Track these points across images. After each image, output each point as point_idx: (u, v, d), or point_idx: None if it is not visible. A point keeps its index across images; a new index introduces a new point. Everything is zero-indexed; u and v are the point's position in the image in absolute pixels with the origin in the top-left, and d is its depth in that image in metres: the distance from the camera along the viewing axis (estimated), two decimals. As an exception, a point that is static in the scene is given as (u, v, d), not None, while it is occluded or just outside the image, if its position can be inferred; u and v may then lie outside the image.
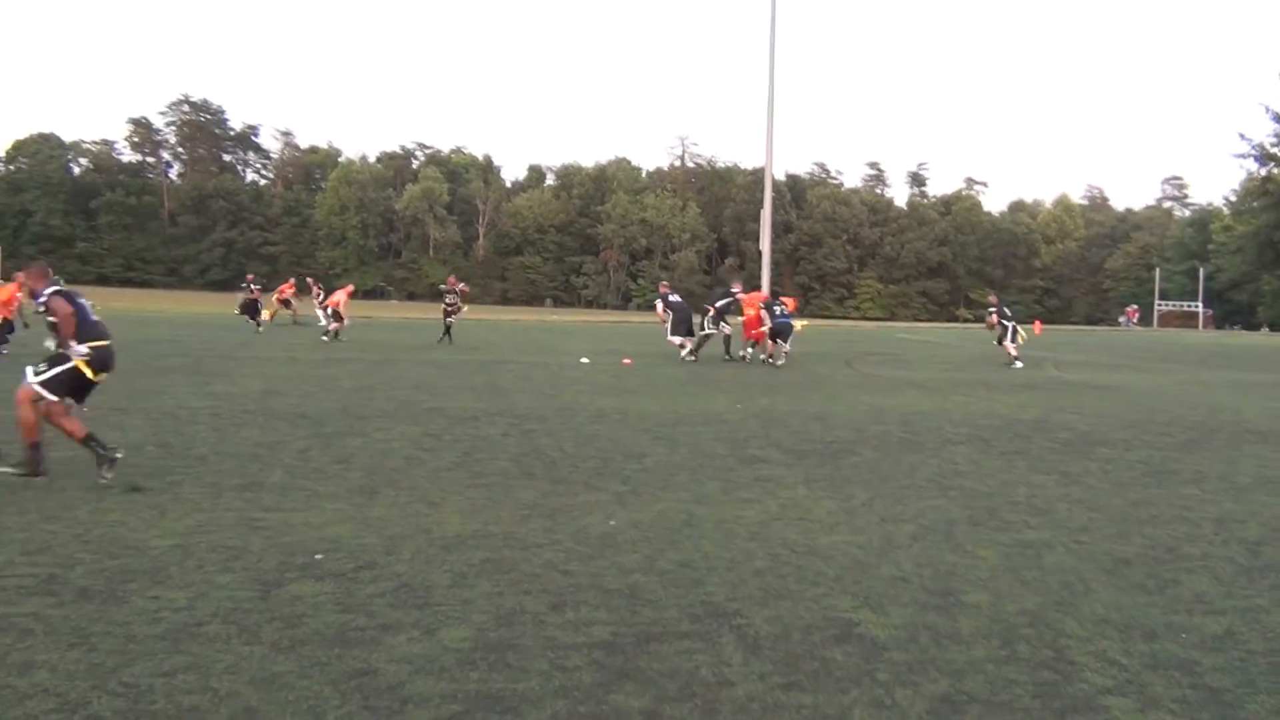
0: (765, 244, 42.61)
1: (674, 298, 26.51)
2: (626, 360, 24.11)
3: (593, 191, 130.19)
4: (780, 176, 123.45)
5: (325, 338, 30.30)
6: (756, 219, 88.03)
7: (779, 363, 24.18)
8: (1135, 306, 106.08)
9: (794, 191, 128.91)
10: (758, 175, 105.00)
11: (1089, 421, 14.78)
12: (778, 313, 24.73)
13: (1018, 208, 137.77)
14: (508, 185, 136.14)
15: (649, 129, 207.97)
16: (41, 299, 8.91)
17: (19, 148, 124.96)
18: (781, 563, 6.60)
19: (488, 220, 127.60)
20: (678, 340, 25.56)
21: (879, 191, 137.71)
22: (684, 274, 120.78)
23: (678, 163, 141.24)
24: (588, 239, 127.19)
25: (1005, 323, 27.87)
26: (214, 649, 4.77)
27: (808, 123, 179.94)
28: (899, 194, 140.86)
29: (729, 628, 5.31)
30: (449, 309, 32.14)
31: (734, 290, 26.94)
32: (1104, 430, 13.84)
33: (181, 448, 10.29)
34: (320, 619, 5.23)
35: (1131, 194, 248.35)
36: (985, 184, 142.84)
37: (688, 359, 24.63)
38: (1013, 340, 27.96)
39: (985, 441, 12.48)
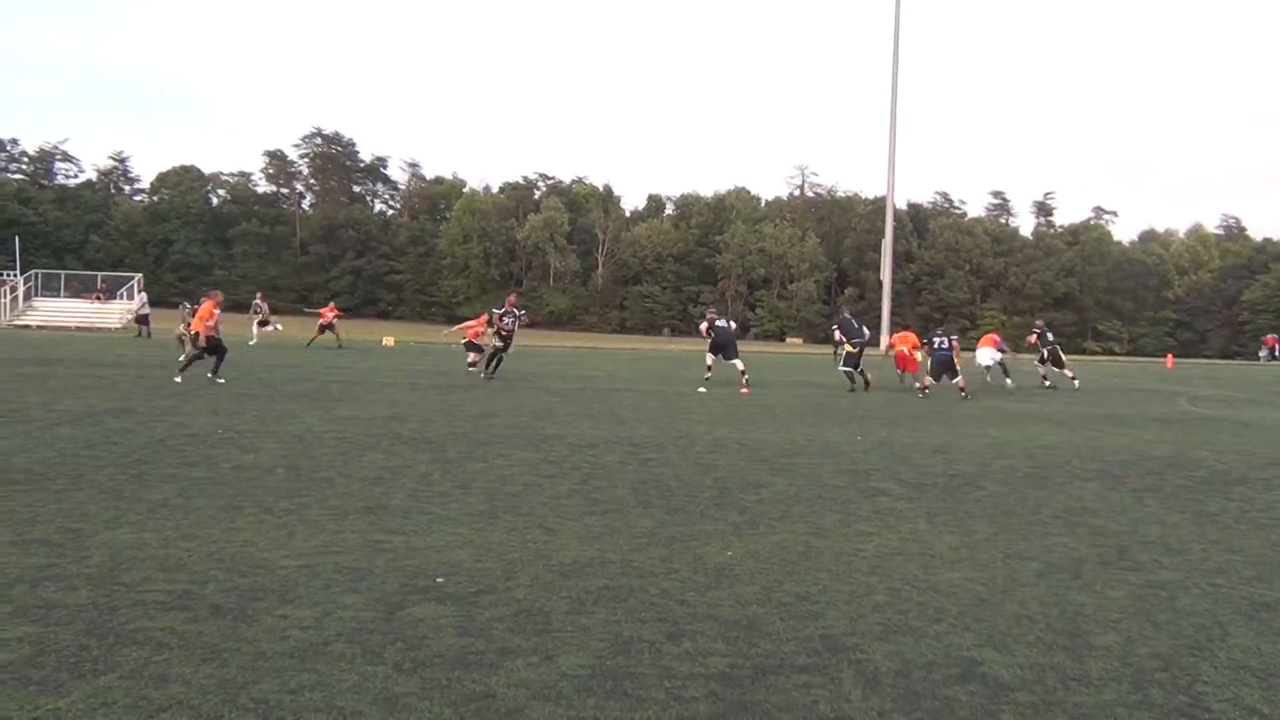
0: (886, 274, 42.27)
1: (720, 323, 27.17)
2: (744, 390, 24.02)
3: (711, 221, 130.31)
4: (901, 205, 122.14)
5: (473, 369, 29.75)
6: (877, 249, 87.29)
7: (965, 395, 24.38)
8: (1275, 335, 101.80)
9: (915, 221, 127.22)
10: (878, 204, 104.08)
11: (1226, 459, 14.22)
12: (938, 345, 24.88)
13: (1149, 237, 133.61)
14: (627, 215, 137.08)
15: (768, 158, 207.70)
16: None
17: (162, 180, 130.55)
18: (902, 598, 6.49)
19: (607, 249, 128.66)
20: (709, 359, 26.46)
21: (1003, 221, 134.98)
22: (802, 304, 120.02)
23: (797, 192, 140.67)
24: (706, 268, 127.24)
25: (1044, 346, 29.77)
26: (339, 668, 4.88)
27: (930, 151, 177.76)
28: (1024, 223, 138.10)
29: (848, 663, 5.24)
30: (504, 334, 27.00)
31: (865, 333, 27.59)
32: (1242, 468, 13.30)
33: (309, 470, 10.57)
34: (441, 641, 5.32)
35: (1270, 223, 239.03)
36: (1115, 213, 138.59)
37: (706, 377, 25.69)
38: (1043, 364, 30.17)
39: (1115, 477, 12.10)
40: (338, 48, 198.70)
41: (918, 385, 25.30)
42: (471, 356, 29.08)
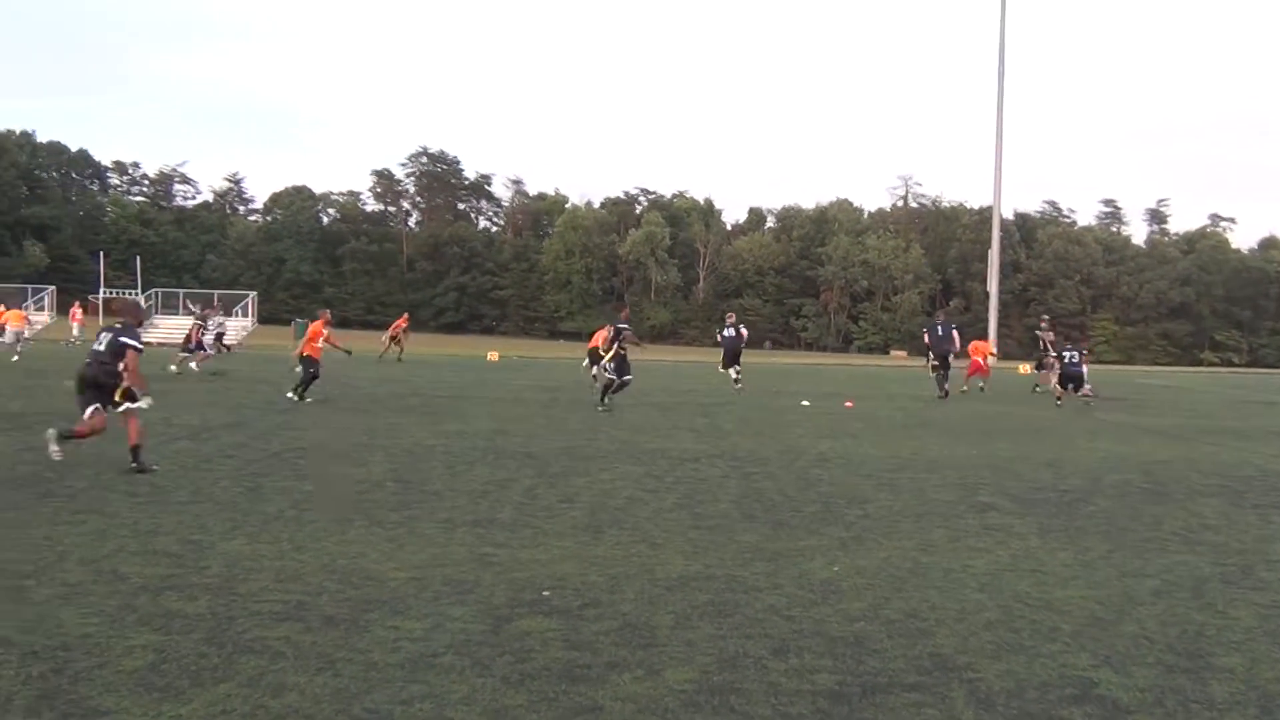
0: (993, 285, 41.54)
1: (729, 331, 27.67)
2: (848, 403, 23.79)
3: (813, 233, 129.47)
4: (1008, 215, 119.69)
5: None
6: (983, 259, 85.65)
7: (1091, 403, 24.48)
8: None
9: (1023, 230, 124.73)
10: (984, 214, 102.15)
11: (1356, 474, 13.64)
12: (1069, 359, 24.96)
13: (1269, 244, 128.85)
14: (728, 228, 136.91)
15: (871, 169, 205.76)
16: None
17: (275, 200, 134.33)
18: (1014, 615, 6.35)
19: (708, 263, 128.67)
20: (728, 371, 27.51)
21: (1114, 229, 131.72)
22: (906, 316, 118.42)
23: (900, 202, 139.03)
24: (807, 281, 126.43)
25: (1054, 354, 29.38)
26: (449, 680, 4.94)
27: (1038, 159, 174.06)
28: (1137, 232, 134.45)
29: (959, 681, 5.14)
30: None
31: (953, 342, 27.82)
32: (1374, 484, 12.74)
33: (417, 483, 10.75)
34: (548, 654, 5.36)
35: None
36: (1233, 220, 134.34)
37: (737, 388, 26.56)
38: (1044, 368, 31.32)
39: (1237, 493, 11.69)
40: (444, 68, 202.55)
41: (1057, 398, 25.38)
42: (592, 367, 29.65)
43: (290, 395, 19.92)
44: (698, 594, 6.64)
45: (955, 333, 27.83)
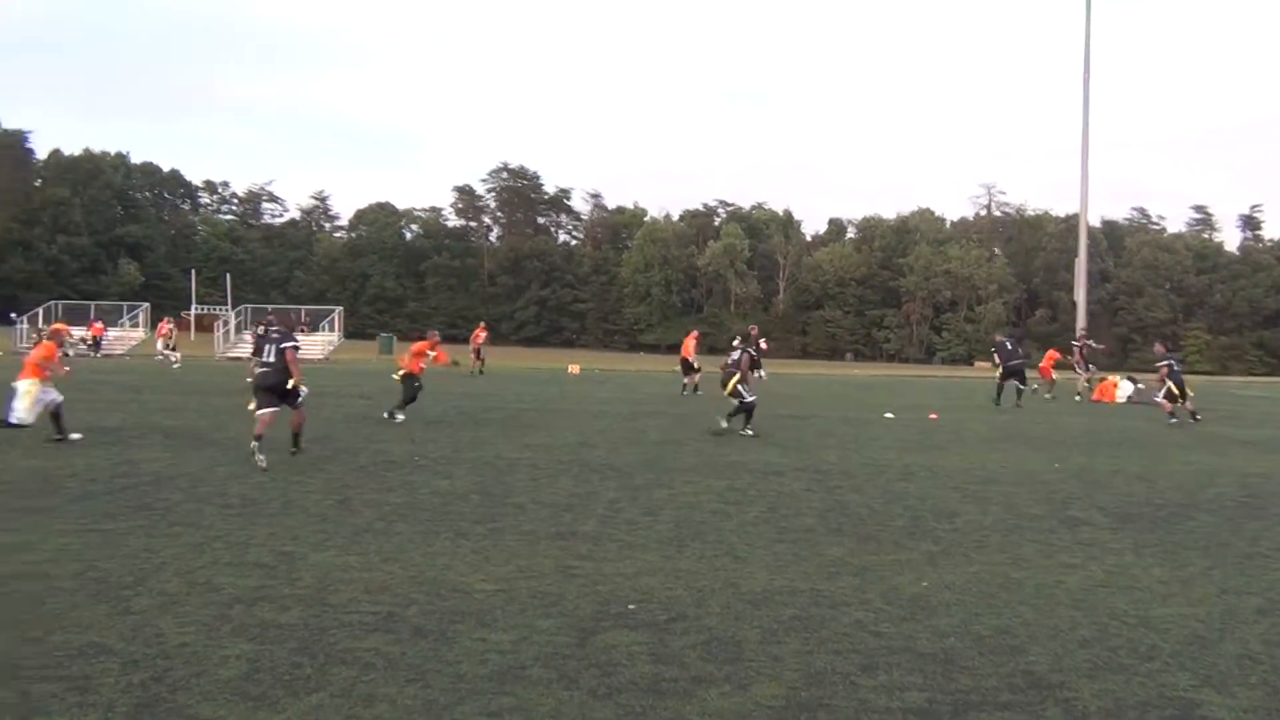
0: (1080, 294, 40.63)
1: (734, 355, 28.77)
2: (932, 415, 23.48)
3: (894, 243, 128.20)
4: (1095, 223, 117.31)
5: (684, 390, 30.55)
6: (1069, 268, 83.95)
7: (1171, 421, 23.34)
8: None
9: (1111, 238, 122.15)
10: (1071, 222, 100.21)
11: None
12: (1175, 368, 24.11)
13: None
14: (808, 239, 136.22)
15: (953, 178, 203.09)
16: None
17: (360, 216, 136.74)
18: (1110, 634, 6.21)
19: (788, 274, 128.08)
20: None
21: (1206, 236, 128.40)
22: (990, 326, 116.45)
23: (983, 211, 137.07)
24: (889, 291, 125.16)
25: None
26: (536, 692, 4.96)
27: (1125, 165, 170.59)
28: (1229, 238, 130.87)
29: (1054, 701, 5.04)
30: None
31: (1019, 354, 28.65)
32: None
33: (501, 496, 10.83)
34: (635, 668, 5.35)
35: None
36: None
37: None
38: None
39: (1341, 508, 11.30)
40: (525, 84, 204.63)
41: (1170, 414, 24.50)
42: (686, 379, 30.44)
43: (395, 414, 19.05)
44: (783, 608, 6.59)
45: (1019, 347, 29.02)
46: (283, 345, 13.67)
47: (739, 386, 18.14)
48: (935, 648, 5.85)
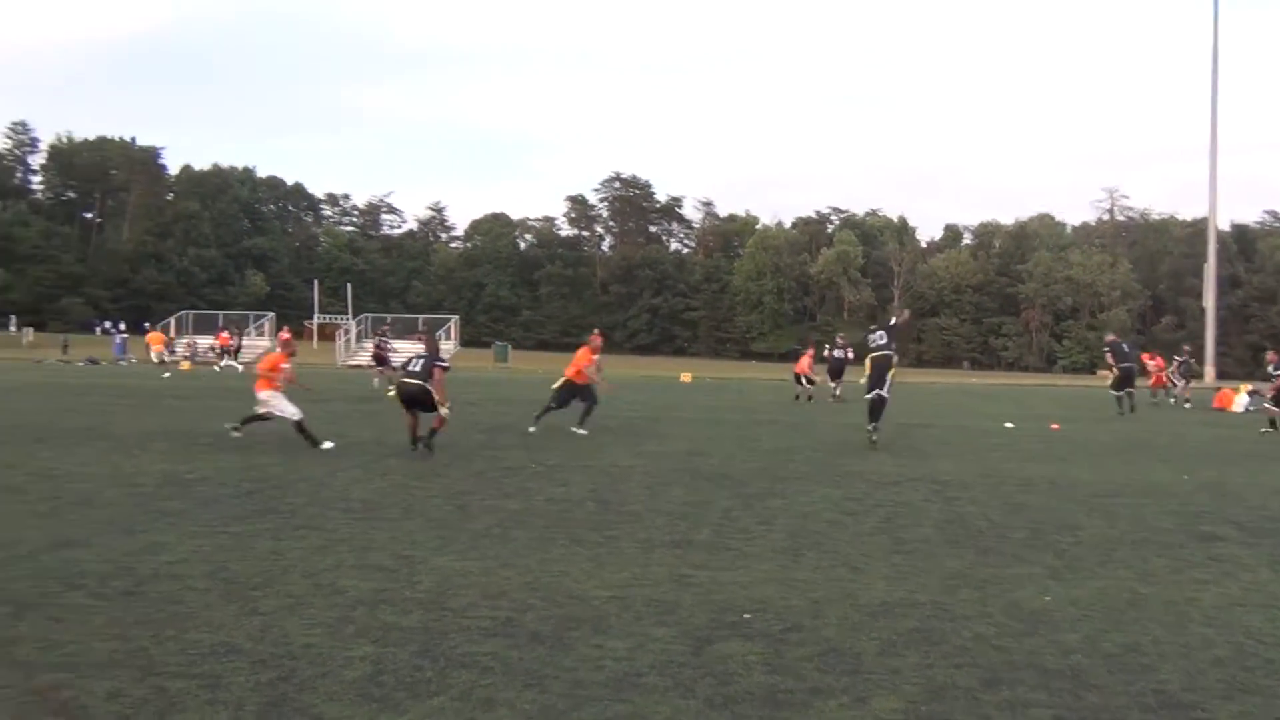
0: (1209, 300, 39.41)
1: (837, 352, 32.04)
2: (1054, 425, 22.90)
3: (1013, 249, 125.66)
4: (1224, 226, 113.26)
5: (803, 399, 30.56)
6: (1197, 274, 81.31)
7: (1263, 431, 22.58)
8: None
9: (1241, 242, 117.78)
10: (1198, 226, 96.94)
11: None
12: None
13: None
14: (923, 246, 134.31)
15: (1074, 182, 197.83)
16: None
17: (475, 227, 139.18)
18: (1246, 653, 5.97)
19: (902, 281, 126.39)
20: (831, 384, 30.71)
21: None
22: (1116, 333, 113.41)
23: (1106, 216, 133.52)
24: (1007, 299, 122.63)
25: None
26: (652, 700, 4.96)
27: (1255, 167, 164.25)
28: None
29: (1187, 721, 4.86)
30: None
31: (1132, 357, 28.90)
32: None
33: (616, 504, 10.88)
34: (751, 678, 5.32)
35: None
36: None
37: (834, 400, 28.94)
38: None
39: None
40: (636, 94, 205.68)
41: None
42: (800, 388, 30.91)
43: (576, 429, 18.16)
44: (902, 620, 6.49)
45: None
46: (434, 362, 14.75)
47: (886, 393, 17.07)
48: (1061, 664, 5.69)
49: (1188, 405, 32.77)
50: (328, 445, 14.89)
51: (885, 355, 17.29)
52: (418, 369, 14.78)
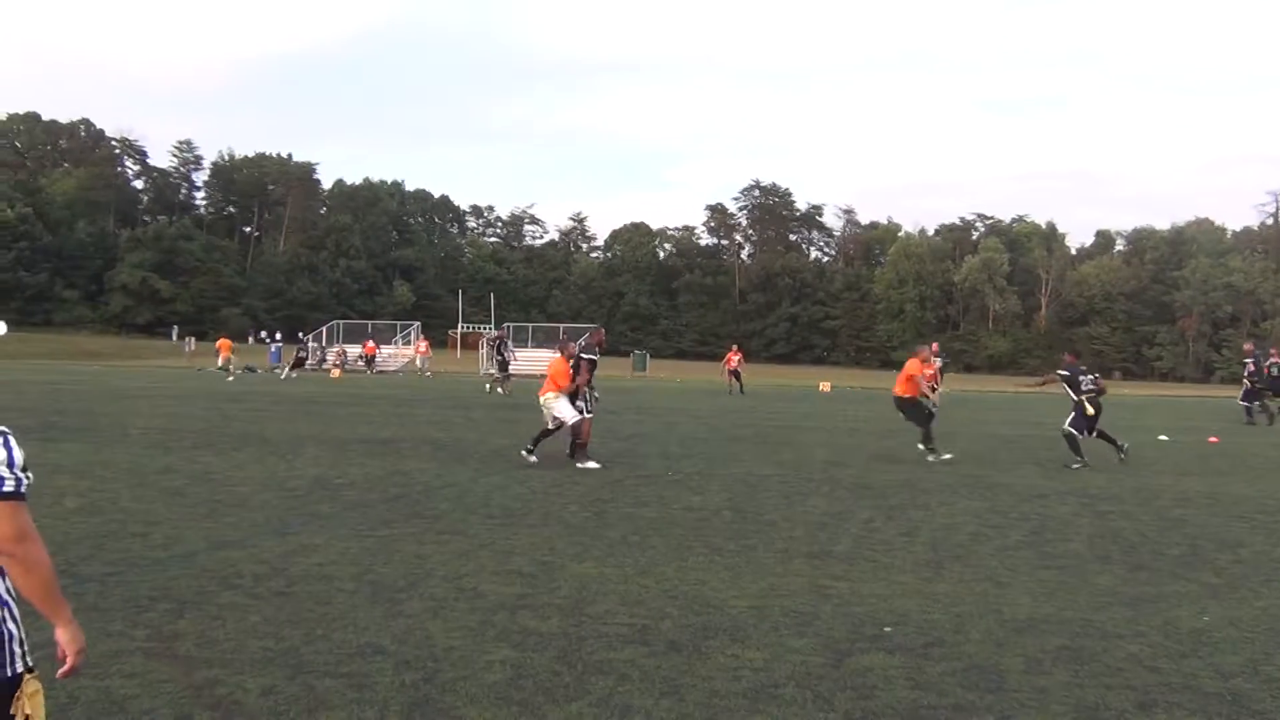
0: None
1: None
2: (1212, 439, 21.93)
3: (1168, 256, 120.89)
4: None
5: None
6: (1372, 279, 77.16)
7: None
8: None
9: None
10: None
11: None
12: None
13: None
14: (1073, 252, 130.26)
15: (1235, 185, 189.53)
16: None
17: (615, 237, 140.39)
18: None
19: (1050, 289, 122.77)
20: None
21: None
22: (1277, 342, 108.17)
23: (1270, 220, 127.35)
24: (1162, 307, 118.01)
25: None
26: (790, 712, 4.91)
27: None
28: None
29: (1360, 752, 4.59)
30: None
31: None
32: None
33: (754, 513, 10.82)
34: (891, 693, 5.22)
35: None
36: None
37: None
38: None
39: None
40: (777, 101, 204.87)
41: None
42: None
43: (930, 453, 16.45)
44: (1049, 638, 6.29)
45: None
46: (583, 355, 15.37)
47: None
48: (1220, 687, 5.44)
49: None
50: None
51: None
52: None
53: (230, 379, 41.83)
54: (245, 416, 21.71)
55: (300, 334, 56.84)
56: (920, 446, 16.65)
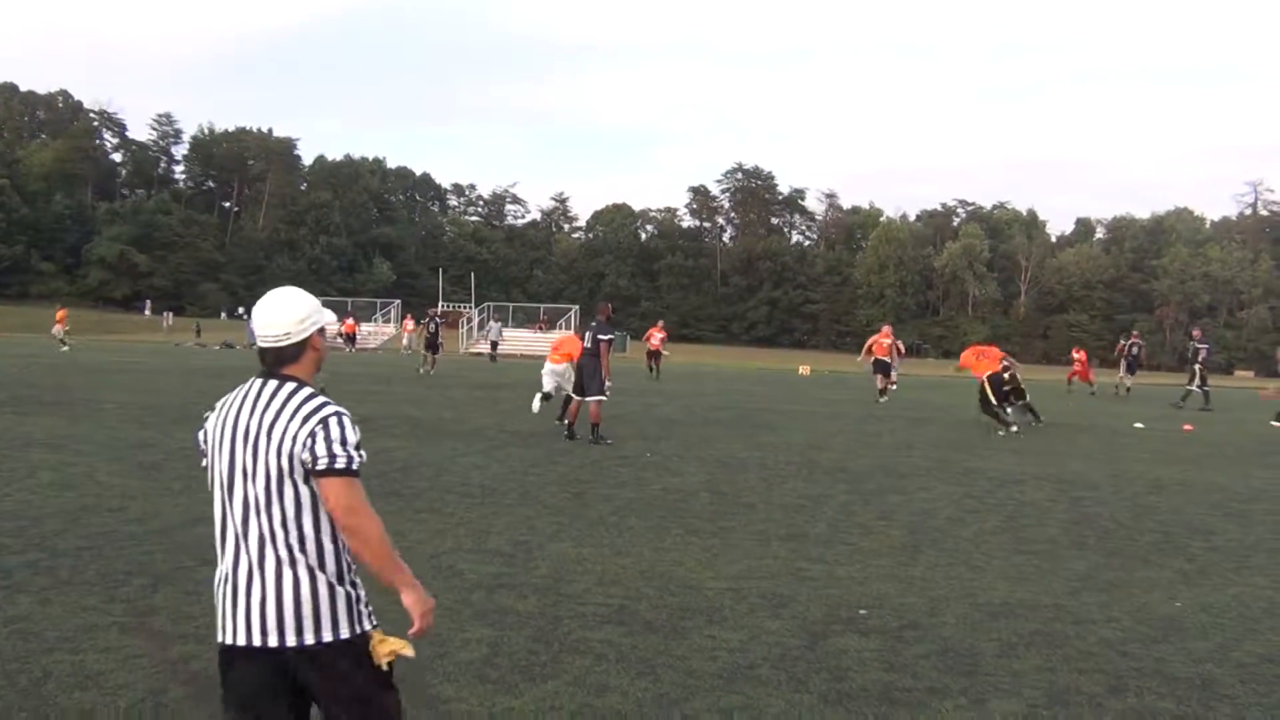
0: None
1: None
2: (1187, 426, 22.09)
3: (1147, 244, 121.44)
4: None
5: None
6: (1348, 271, 77.75)
7: None
8: None
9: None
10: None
11: None
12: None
13: None
14: (1053, 240, 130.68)
15: (1214, 175, 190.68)
16: None
17: (597, 217, 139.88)
18: (1395, 669, 5.68)
19: (1030, 276, 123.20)
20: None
21: None
22: (1254, 333, 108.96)
23: (1248, 210, 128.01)
24: (1140, 295, 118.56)
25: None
26: (765, 692, 4.94)
27: None
28: None
29: (1328, 738, 4.64)
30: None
31: None
32: None
33: (732, 495, 10.85)
34: (866, 675, 5.26)
35: None
36: None
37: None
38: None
39: None
40: (759, 85, 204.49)
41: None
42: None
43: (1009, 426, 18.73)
44: (1023, 622, 6.34)
45: None
46: (599, 336, 15.08)
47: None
48: (1190, 672, 5.50)
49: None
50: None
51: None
52: (590, 344, 15.19)
53: (64, 349, 38.77)
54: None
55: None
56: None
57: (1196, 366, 29.17)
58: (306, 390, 3.16)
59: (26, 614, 5.76)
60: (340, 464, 2.98)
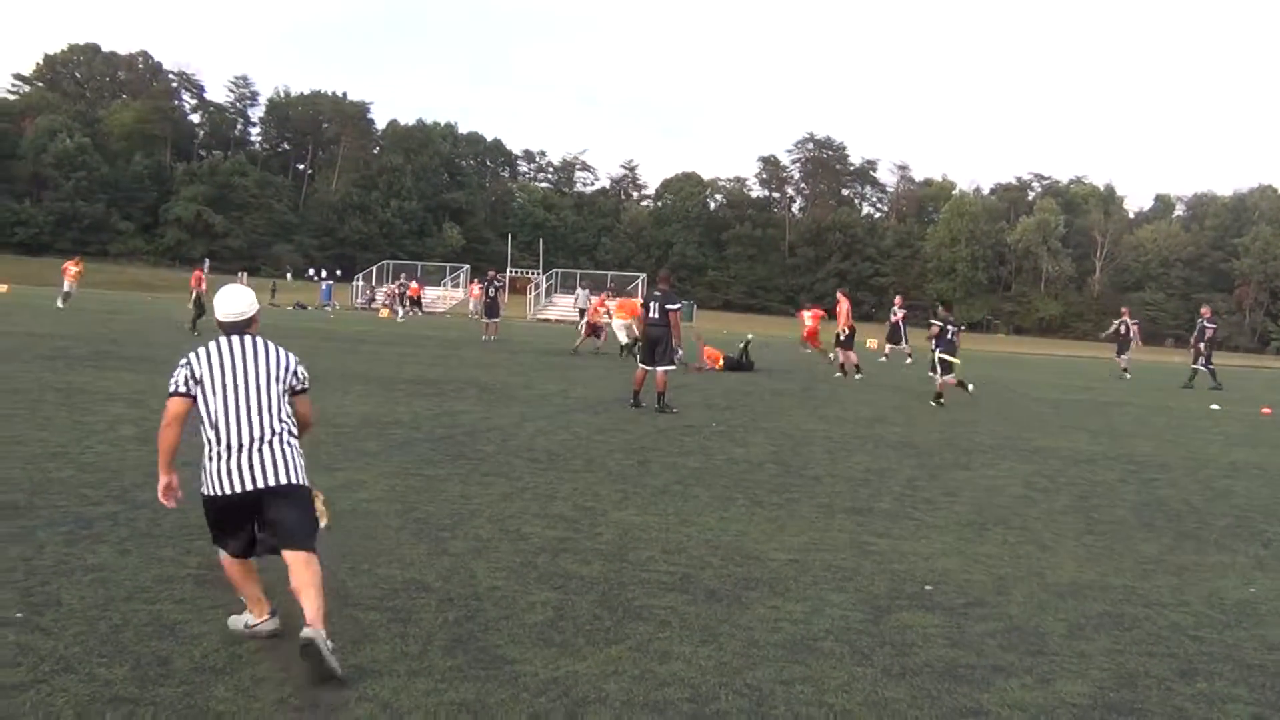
0: None
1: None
2: (1265, 409, 21.60)
3: (1229, 222, 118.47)
4: None
5: None
6: None
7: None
8: None
9: None
10: None
11: None
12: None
13: None
14: (1130, 216, 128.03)
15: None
16: None
17: (666, 186, 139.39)
18: None
19: (1105, 253, 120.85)
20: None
21: None
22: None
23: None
24: (1220, 274, 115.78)
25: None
26: (828, 664, 4.93)
27: None
28: None
29: (1405, 731, 4.53)
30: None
31: None
32: None
33: (798, 467, 10.82)
34: (930, 651, 5.23)
35: None
36: None
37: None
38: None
39: None
40: (832, 54, 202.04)
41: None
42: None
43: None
44: (1092, 603, 6.26)
45: None
46: (667, 305, 14.95)
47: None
48: (1264, 659, 5.40)
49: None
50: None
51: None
52: (657, 314, 15.07)
53: (60, 306, 35.69)
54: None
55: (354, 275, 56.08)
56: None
57: (1202, 345, 28.05)
58: (269, 341, 5.12)
59: (106, 563, 5.91)
60: (308, 385, 5.25)
